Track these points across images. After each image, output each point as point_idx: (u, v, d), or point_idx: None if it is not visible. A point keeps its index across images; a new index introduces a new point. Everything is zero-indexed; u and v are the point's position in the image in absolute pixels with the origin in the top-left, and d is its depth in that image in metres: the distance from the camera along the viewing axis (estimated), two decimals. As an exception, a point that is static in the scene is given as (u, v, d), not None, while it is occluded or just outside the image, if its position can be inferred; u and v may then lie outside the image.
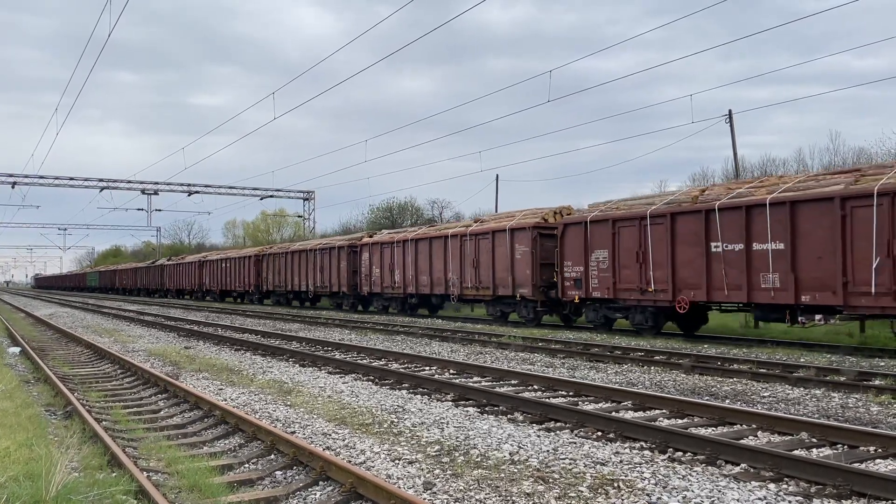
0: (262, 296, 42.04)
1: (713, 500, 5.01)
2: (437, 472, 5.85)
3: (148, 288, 65.27)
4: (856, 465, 5.81)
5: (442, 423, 7.73)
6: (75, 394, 9.81)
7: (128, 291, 72.34)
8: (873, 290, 12.79)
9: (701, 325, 18.40)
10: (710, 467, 6.00)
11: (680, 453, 6.44)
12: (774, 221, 14.50)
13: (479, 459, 6.20)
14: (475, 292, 23.65)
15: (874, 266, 12.77)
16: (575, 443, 6.82)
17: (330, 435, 7.27)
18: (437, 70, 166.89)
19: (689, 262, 16.29)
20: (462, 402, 9.22)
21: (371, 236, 31.23)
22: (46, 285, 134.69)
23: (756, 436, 7.19)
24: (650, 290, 17.20)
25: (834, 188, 13.71)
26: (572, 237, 19.43)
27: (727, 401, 9.18)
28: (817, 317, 14.15)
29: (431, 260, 25.74)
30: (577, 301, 19.49)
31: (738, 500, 5.01)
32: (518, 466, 5.95)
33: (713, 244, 15.70)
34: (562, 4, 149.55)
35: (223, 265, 46.84)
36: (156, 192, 53.07)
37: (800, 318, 14.39)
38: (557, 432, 7.38)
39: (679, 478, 5.57)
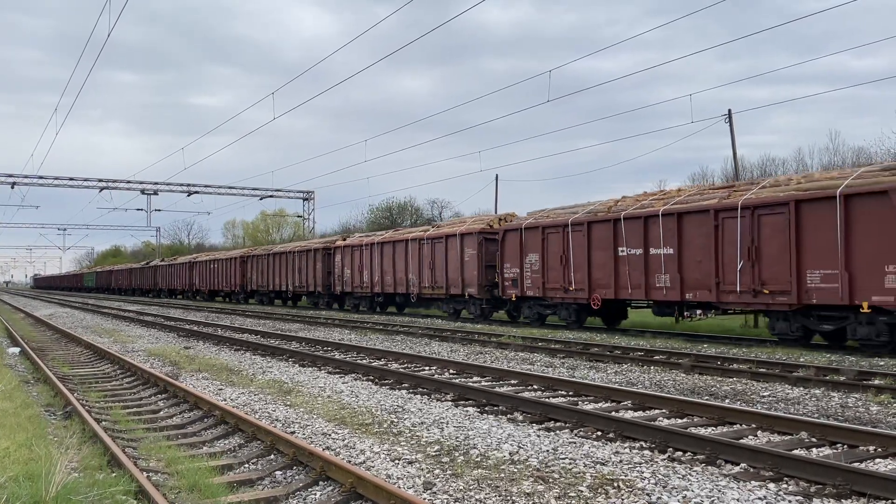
0: (247, 295, 44.30)
1: (713, 500, 5.01)
2: (436, 471, 5.85)
3: (142, 288, 67.38)
4: (855, 464, 5.82)
5: (442, 422, 7.73)
6: (75, 394, 9.81)
7: (123, 291, 74.37)
8: (738, 289, 15.45)
9: (621, 319, 20.81)
10: (709, 467, 6.00)
11: (680, 453, 6.44)
12: (666, 230, 16.98)
13: (478, 459, 6.20)
14: (431, 291, 25.88)
15: (738, 268, 15.41)
16: (575, 442, 6.82)
17: (330, 435, 7.27)
18: (436, 70, 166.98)
19: (601, 265, 18.75)
20: (462, 402, 9.22)
21: (344, 239, 33.36)
22: (45, 285, 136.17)
23: (756, 435, 7.19)
24: (571, 289, 19.68)
25: (710, 202, 16.22)
26: (510, 242, 21.93)
27: (727, 400, 9.18)
28: (698, 312, 16.92)
29: (395, 262, 28.01)
30: (514, 299, 21.94)
31: (737, 500, 5.01)
32: (518, 466, 5.95)
33: (620, 249, 18.20)
34: (561, 5, 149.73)
35: (211, 266, 48.88)
36: (155, 193, 53.07)
37: (686, 313, 17.11)
38: (557, 432, 7.38)
39: (679, 477, 5.57)
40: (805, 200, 14.33)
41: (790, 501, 5.01)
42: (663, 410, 8.36)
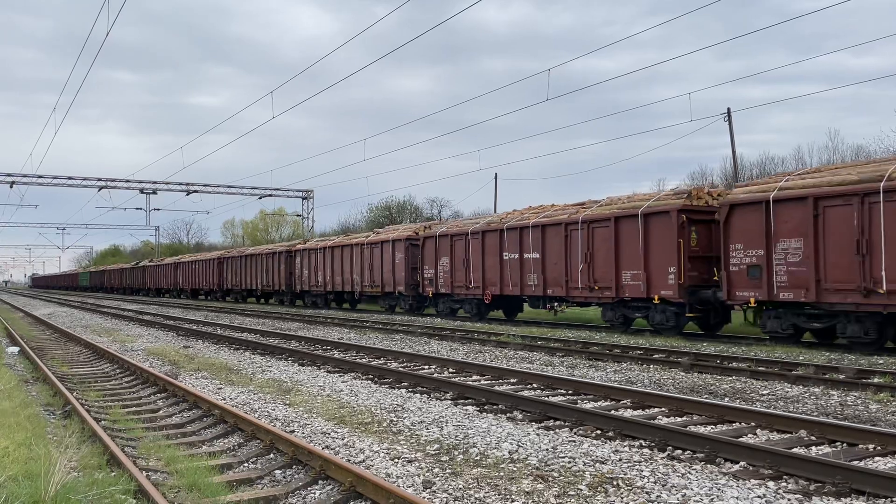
0: (223, 293, 48.65)
1: (712, 498, 5.02)
2: (436, 470, 5.85)
3: (132, 287, 71.28)
4: (855, 462, 5.82)
5: (441, 421, 7.73)
6: (74, 393, 9.81)
7: (115, 290, 77.75)
8: (579, 285, 19.52)
9: (517, 312, 24.78)
10: (709, 465, 6.00)
11: (679, 451, 6.44)
12: (534, 238, 21.05)
13: (478, 458, 6.21)
14: (371, 289, 29.95)
15: (580, 269, 19.38)
16: (574, 441, 6.82)
17: (329, 434, 7.27)
18: (435, 69, 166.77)
19: (492, 267, 22.81)
20: (461, 401, 9.21)
21: (304, 243, 37.96)
22: (43, 285, 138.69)
23: (755, 434, 7.19)
24: (471, 286, 23.80)
25: (561, 217, 20.32)
26: (428, 247, 26.01)
27: (726, 399, 9.18)
28: (557, 305, 20.83)
29: (342, 264, 32.07)
30: (431, 295, 26.07)
31: (737, 498, 5.01)
32: (517, 465, 5.95)
33: (504, 254, 22.29)
34: (559, 4, 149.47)
35: (193, 267, 53.83)
36: (154, 192, 52.94)
37: (548, 306, 21.09)
38: (557, 431, 7.38)
39: (678, 476, 5.58)
40: (621, 217, 18.30)
41: (789, 500, 5.01)
42: (662, 409, 8.37)
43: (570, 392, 9.69)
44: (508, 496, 5.15)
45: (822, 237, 14.01)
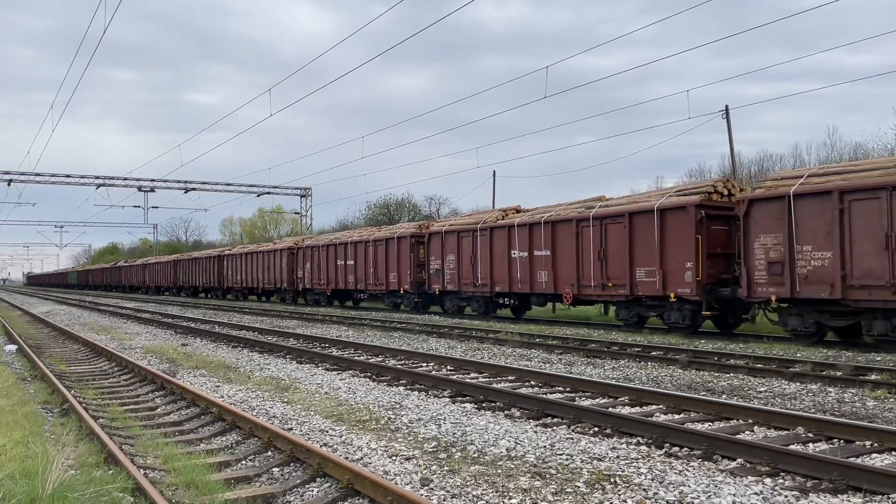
0: (177, 290, 53.54)
1: (710, 495, 5.02)
2: (434, 468, 5.86)
3: (111, 284, 78.79)
4: (852, 459, 5.83)
5: (439, 419, 7.73)
6: (72, 391, 9.80)
7: (97, 287, 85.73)
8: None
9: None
10: (706, 462, 6.01)
11: (676, 448, 6.45)
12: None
13: (476, 455, 6.21)
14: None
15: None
16: (572, 438, 6.83)
17: (327, 431, 7.28)
18: (432, 68, 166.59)
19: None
20: (459, 399, 9.22)
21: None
22: (36, 283, 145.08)
23: (752, 431, 7.20)
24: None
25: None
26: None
27: (724, 396, 9.19)
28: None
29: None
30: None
31: (734, 495, 5.02)
32: (515, 462, 5.95)
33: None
34: (556, 2, 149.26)
35: (156, 267, 61.25)
36: (152, 189, 52.89)
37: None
38: (554, 428, 7.39)
39: (676, 473, 5.58)
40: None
41: (786, 496, 5.02)
42: (660, 406, 8.38)
43: (568, 389, 9.70)
44: (506, 493, 5.15)
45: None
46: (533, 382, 10.32)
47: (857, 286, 13.49)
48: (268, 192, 55.91)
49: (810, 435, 6.84)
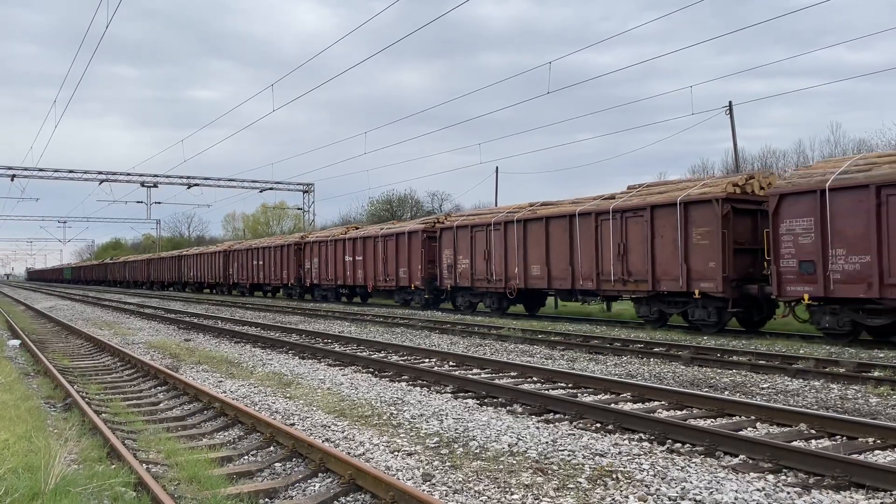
0: (151, 285, 57.45)
1: (712, 492, 5.02)
2: (436, 463, 5.86)
3: (98, 280, 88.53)
4: (854, 456, 5.81)
5: (441, 414, 7.74)
6: (75, 386, 9.82)
7: (88, 282, 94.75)
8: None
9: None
10: (708, 459, 6.00)
11: (679, 445, 6.44)
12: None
13: (478, 451, 6.21)
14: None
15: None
16: (574, 434, 6.83)
17: (329, 427, 7.28)
18: (434, 64, 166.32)
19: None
20: (461, 394, 9.22)
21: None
22: (36, 278, 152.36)
23: (755, 427, 7.19)
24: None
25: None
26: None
27: (726, 392, 9.18)
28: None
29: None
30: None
31: (736, 492, 5.01)
32: (517, 458, 5.95)
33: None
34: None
35: (135, 265, 69.74)
36: (155, 185, 52.92)
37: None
38: (556, 424, 7.39)
39: (678, 469, 5.58)
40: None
41: (789, 493, 5.01)
42: (662, 402, 8.36)
43: (570, 385, 9.69)
44: (508, 489, 5.15)
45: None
46: (535, 378, 10.31)
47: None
48: (270, 188, 55.95)
49: (813, 431, 6.83)
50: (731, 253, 15.74)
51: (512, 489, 5.14)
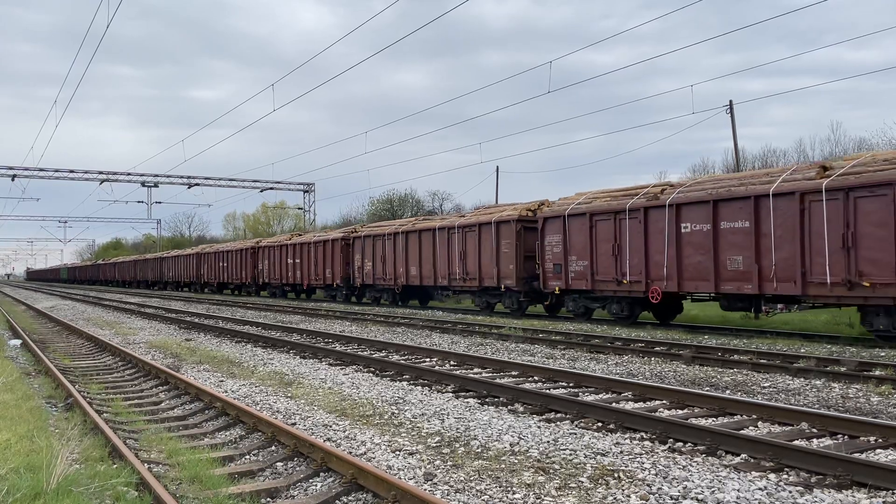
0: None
1: (713, 491, 5.02)
2: (437, 463, 5.86)
3: (91, 279, 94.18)
4: (856, 455, 5.81)
5: (442, 414, 7.73)
6: (76, 386, 9.82)
7: (82, 281, 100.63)
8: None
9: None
10: (710, 458, 6.00)
11: (680, 444, 6.44)
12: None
13: (479, 450, 6.21)
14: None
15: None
16: (575, 433, 6.82)
17: (330, 426, 7.28)
18: (434, 64, 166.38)
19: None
20: (462, 394, 9.22)
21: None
22: (35, 278, 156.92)
23: (756, 426, 7.19)
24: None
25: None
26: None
27: (727, 391, 9.18)
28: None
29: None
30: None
31: (738, 491, 5.01)
32: (518, 457, 5.95)
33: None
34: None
35: (122, 265, 76.17)
36: (156, 185, 52.98)
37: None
38: (558, 423, 7.39)
39: (679, 468, 5.58)
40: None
41: (790, 492, 5.01)
42: (664, 401, 8.36)
43: (571, 385, 9.69)
44: (510, 488, 5.15)
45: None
46: (536, 378, 10.32)
47: None
48: (271, 188, 55.99)
49: (814, 430, 6.83)
50: (522, 259, 21.38)
51: (514, 488, 5.14)
